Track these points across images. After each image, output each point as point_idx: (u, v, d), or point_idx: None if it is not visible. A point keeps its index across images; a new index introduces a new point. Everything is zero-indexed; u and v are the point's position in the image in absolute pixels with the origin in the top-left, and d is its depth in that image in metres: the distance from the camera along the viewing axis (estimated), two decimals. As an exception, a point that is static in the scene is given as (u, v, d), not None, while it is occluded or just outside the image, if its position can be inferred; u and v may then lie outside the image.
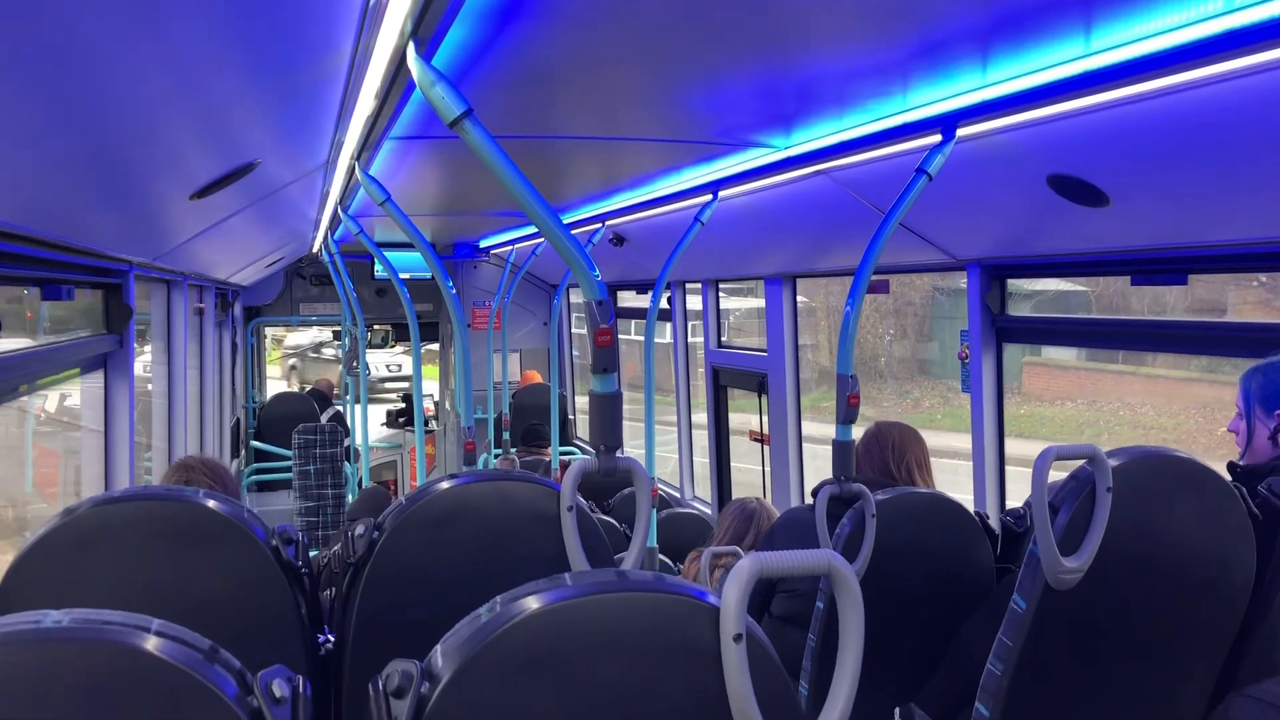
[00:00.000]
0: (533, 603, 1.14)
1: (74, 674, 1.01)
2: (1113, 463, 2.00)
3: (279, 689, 1.08)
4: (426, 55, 1.92)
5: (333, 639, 1.96)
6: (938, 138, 2.81)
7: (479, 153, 1.90)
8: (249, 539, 1.81)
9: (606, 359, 1.92)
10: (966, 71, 2.54)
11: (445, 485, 1.92)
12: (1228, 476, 2.37)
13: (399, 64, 2.04)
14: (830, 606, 2.70)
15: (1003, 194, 3.24)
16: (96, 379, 4.07)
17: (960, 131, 2.76)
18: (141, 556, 1.78)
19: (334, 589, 2.05)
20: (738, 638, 1.15)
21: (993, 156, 2.96)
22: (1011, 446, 4.14)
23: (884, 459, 3.18)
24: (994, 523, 2.92)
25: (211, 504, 1.82)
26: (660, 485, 7.07)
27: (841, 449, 2.82)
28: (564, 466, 7.00)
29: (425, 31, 1.82)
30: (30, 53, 1.49)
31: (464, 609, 1.21)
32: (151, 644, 1.05)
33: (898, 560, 2.67)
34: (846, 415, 2.82)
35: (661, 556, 5.19)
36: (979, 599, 2.75)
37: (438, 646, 1.15)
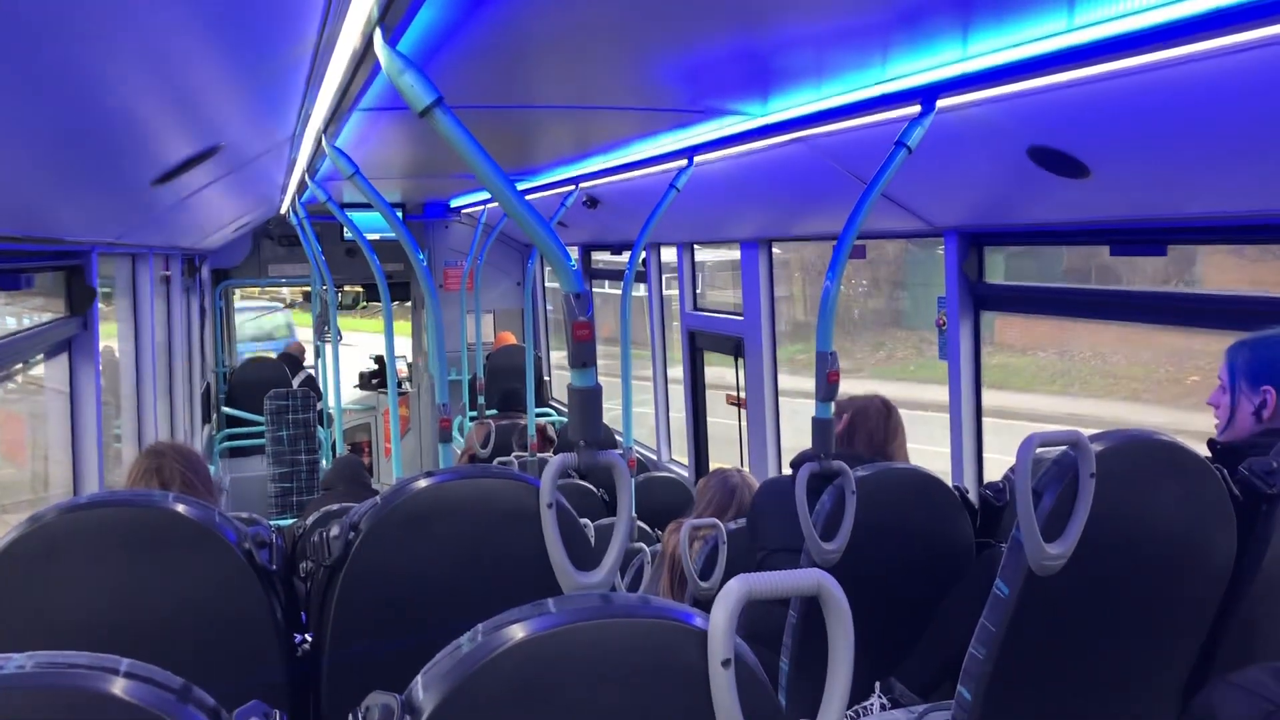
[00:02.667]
0: (516, 632, 1.11)
1: None
2: (1095, 447, 1.98)
3: None
4: (394, 40, 1.85)
5: (309, 638, 1.92)
6: (917, 109, 2.77)
7: (449, 141, 1.84)
8: (221, 544, 1.77)
9: (585, 353, 1.87)
10: (946, 43, 2.50)
11: (423, 484, 1.87)
12: (1207, 453, 2.37)
13: (366, 47, 1.97)
14: (804, 614, 2.69)
15: (982, 164, 3.21)
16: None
17: (940, 103, 2.72)
18: (111, 564, 1.73)
19: (309, 582, 2.01)
20: (726, 663, 1.12)
21: (972, 127, 2.93)
22: (985, 398, 4.11)
23: (862, 433, 3.16)
24: (973, 496, 2.92)
25: (181, 508, 1.77)
26: (637, 449, 7.05)
27: (821, 426, 2.80)
28: (540, 430, 7.01)
29: (392, 19, 1.75)
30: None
31: (444, 609, 1.18)
32: (119, 687, 1.01)
33: (878, 536, 2.67)
34: (826, 393, 2.79)
35: (640, 523, 5.19)
36: (959, 573, 2.76)
37: (418, 678, 1.11)
